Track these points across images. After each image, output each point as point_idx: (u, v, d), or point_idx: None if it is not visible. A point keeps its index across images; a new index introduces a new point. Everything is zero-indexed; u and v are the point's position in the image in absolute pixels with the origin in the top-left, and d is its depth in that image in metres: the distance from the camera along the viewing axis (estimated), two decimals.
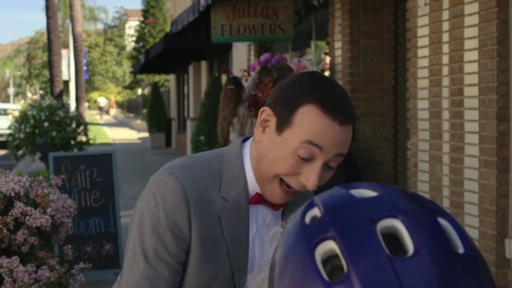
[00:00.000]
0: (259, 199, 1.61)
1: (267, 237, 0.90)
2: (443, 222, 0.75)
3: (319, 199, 0.79)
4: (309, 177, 1.51)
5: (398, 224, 0.72)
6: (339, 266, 0.72)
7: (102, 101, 54.09)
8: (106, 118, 51.18)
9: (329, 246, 0.72)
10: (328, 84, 1.52)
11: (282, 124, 1.52)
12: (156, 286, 1.54)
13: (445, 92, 5.14)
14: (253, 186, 1.62)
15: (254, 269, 1.58)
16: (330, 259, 0.72)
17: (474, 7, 4.73)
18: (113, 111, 57.78)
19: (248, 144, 1.65)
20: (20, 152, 13.87)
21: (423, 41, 5.44)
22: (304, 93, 1.50)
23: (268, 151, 1.55)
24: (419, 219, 0.73)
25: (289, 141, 1.51)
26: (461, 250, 0.74)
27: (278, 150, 1.53)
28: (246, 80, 8.54)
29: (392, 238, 0.72)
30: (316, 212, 0.77)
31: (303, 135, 1.49)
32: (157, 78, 42.91)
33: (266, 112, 1.56)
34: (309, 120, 1.48)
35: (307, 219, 0.78)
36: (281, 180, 1.55)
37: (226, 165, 1.62)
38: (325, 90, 1.50)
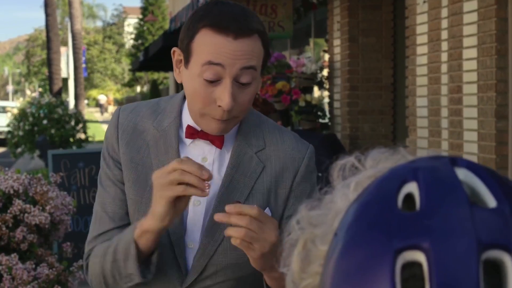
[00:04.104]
0: (193, 131, 1.65)
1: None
2: None
3: (422, 171, 0.63)
4: (222, 97, 1.52)
5: (506, 260, 0.58)
6: (418, 277, 0.58)
7: (102, 98, 54.12)
8: (105, 115, 51.16)
9: (417, 257, 0.58)
10: (219, 7, 1.57)
11: (187, 56, 1.57)
12: (104, 203, 1.68)
13: (444, 90, 5.14)
14: (187, 120, 1.66)
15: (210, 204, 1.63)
16: (411, 266, 0.59)
17: (473, 5, 4.73)
18: (111, 108, 57.78)
19: None
20: (19, 149, 13.86)
21: (422, 39, 5.44)
22: (198, 21, 1.56)
23: (186, 88, 1.59)
24: None
25: (193, 69, 1.55)
26: None
27: (189, 82, 1.57)
28: None
29: (495, 267, 0.59)
30: (413, 189, 0.62)
31: (203, 57, 1.53)
32: (156, 75, 42.91)
33: (176, 53, 1.62)
34: (204, 43, 1.53)
35: (401, 197, 0.62)
36: None
37: (170, 101, 1.71)
38: (216, 12, 1.55)
